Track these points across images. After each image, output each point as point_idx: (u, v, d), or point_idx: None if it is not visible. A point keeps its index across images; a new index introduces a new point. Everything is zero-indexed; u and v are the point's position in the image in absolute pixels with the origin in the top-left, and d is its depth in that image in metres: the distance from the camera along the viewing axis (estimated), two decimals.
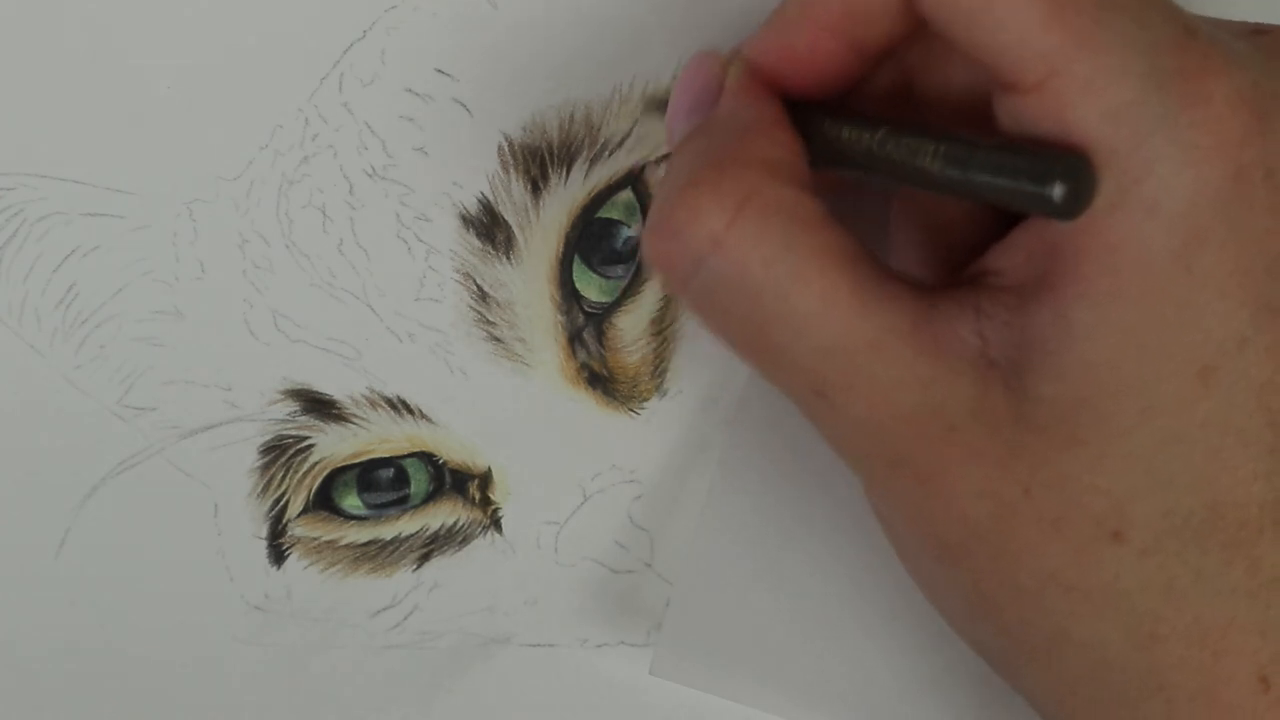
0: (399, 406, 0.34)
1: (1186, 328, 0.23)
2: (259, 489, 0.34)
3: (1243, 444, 0.24)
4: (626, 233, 0.33)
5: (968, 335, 0.24)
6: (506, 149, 0.33)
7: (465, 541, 0.35)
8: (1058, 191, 0.23)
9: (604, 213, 0.33)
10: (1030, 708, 0.28)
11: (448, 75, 0.32)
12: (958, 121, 0.27)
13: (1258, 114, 0.23)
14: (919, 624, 0.32)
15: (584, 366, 0.34)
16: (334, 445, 0.34)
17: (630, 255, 0.34)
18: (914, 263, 0.29)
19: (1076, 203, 0.23)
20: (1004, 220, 0.28)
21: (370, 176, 0.33)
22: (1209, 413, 0.24)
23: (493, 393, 0.34)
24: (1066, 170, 0.23)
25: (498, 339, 0.34)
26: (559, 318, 0.34)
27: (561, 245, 0.33)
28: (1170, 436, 0.24)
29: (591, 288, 0.34)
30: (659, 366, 0.34)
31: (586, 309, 0.34)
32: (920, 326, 0.24)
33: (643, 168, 0.33)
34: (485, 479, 0.34)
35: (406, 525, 0.34)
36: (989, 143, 0.24)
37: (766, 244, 0.24)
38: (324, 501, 0.34)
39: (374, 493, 0.34)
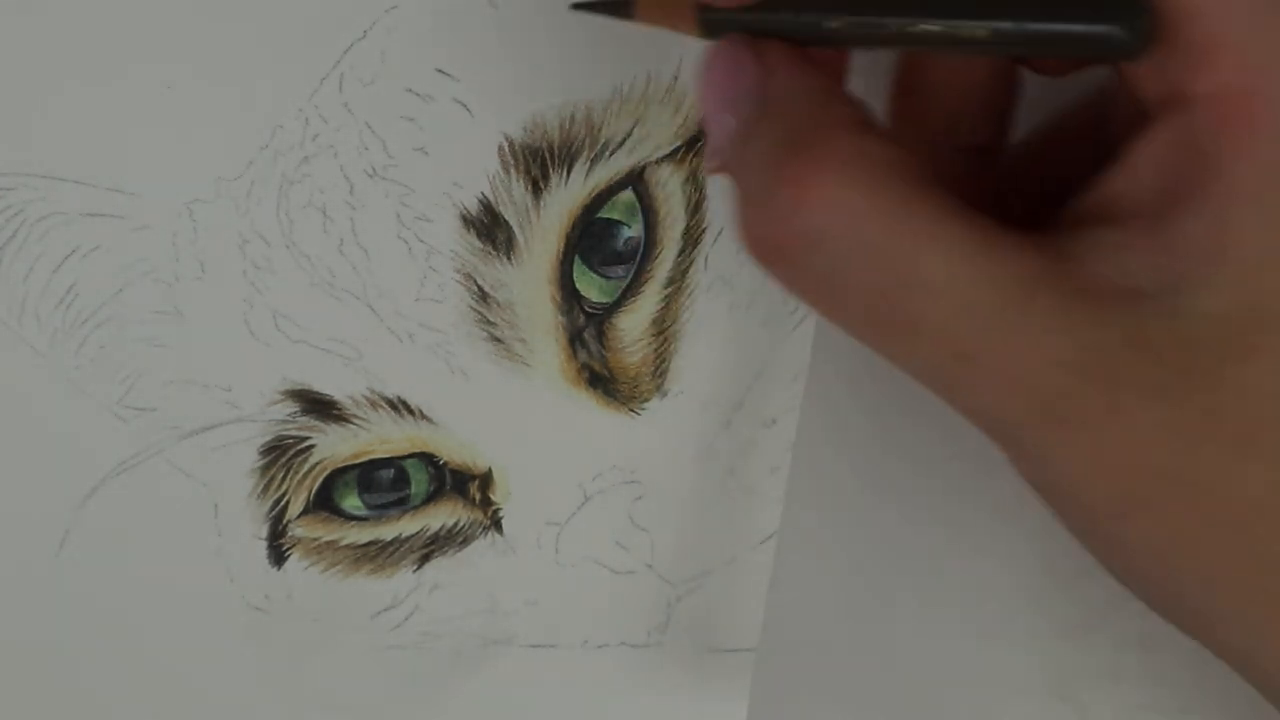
0: (399, 407, 0.34)
1: None
2: (259, 489, 0.34)
3: None
4: (627, 233, 0.33)
5: (1108, 271, 0.23)
6: (507, 149, 0.33)
7: (466, 542, 0.35)
8: (1117, 29, 0.22)
9: (605, 213, 0.33)
10: None
11: (448, 75, 0.32)
12: None
13: None
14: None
15: (584, 367, 0.34)
16: (334, 446, 0.34)
17: (630, 255, 0.34)
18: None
19: (1138, 40, 0.22)
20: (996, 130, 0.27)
21: (371, 176, 0.33)
22: None
23: (493, 393, 0.34)
24: (1123, 6, 0.22)
25: (498, 339, 0.34)
26: (559, 318, 0.34)
27: (562, 245, 0.33)
28: None
29: (592, 288, 0.34)
30: (660, 367, 0.34)
31: (587, 309, 0.34)
32: (1056, 270, 0.23)
33: (644, 168, 0.33)
34: (486, 479, 0.34)
35: (407, 526, 0.34)
36: None
37: (884, 206, 0.23)
38: (324, 502, 0.34)
39: (374, 493, 0.34)
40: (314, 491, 0.34)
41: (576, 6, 0.28)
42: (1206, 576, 0.24)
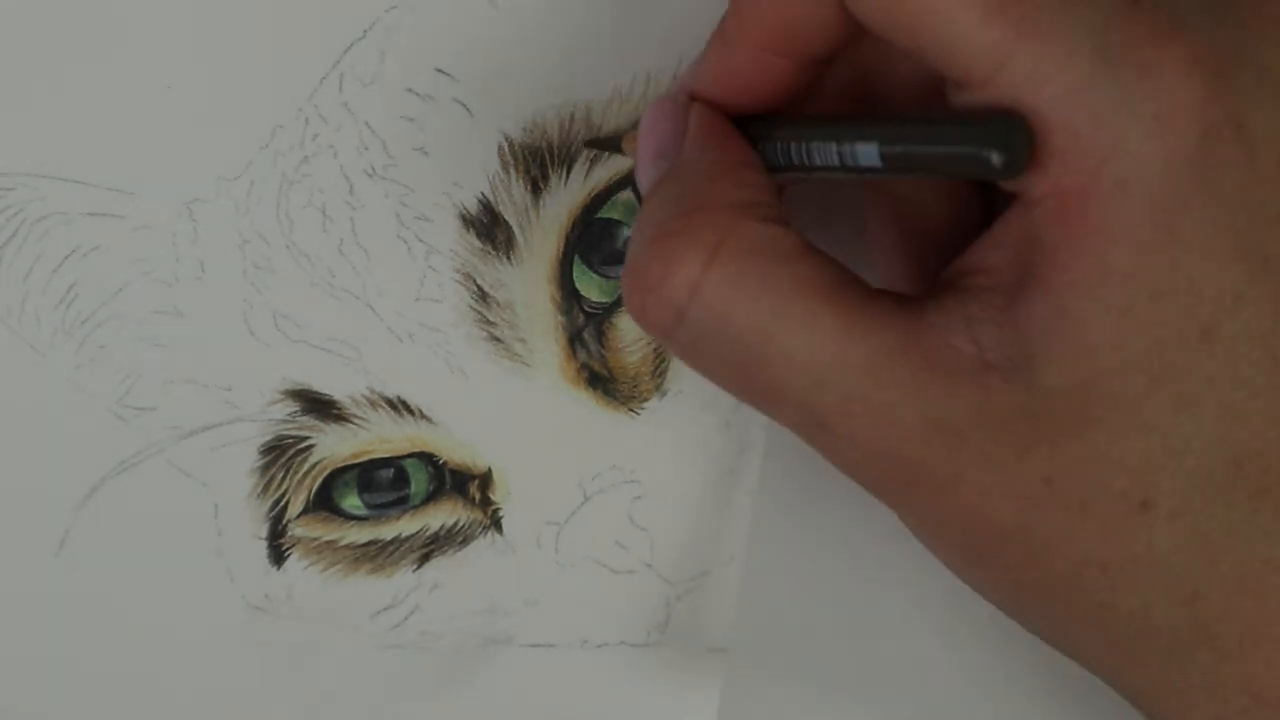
0: (399, 407, 0.34)
1: (1180, 294, 0.23)
2: (259, 489, 0.34)
3: (1252, 395, 0.24)
4: (627, 233, 0.33)
5: (961, 343, 0.24)
6: (507, 149, 0.33)
7: (465, 542, 0.35)
8: (993, 153, 0.23)
9: (604, 213, 0.33)
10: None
11: (448, 75, 0.32)
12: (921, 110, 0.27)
13: (1215, 72, 0.23)
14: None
15: (584, 367, 0.34)
16: (334, 445, 0.34)
17: None
18: (898, 267, 0.29)
19: (1014, 160, 0.23)
20: (981, 211, 0.28)
21: (370, 176, 0.33)
22: (1215, 370, 0.24)
23: (493, 393, 0.34)
24: (999, 131, 0.23)
25: (498, 339, 0.34)
26: (559, 318, 0.34)
27: (562, 245, 0.33)
28: (1182, 400, 0.24)
29: (592, 288, 0.34)
30: (659, 367, 0.34)
31: (587, 309, 0.34)
32: (911, 343, 0.24)
33: None
34: (485, 479, 0.34)
35: (407, 525, 0.34)
36: (923, 118, 0.25)
37: (744, 285, 0.25)
38: (324, 502, 0.34)
39: (374, 493, 0.34)
40: (314, 491, 0.34)
41: (588, 144, 0.33)
42: (1050, 618, 0.27)
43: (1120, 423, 0.24)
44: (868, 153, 0.25)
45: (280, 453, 0.34)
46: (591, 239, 0.33)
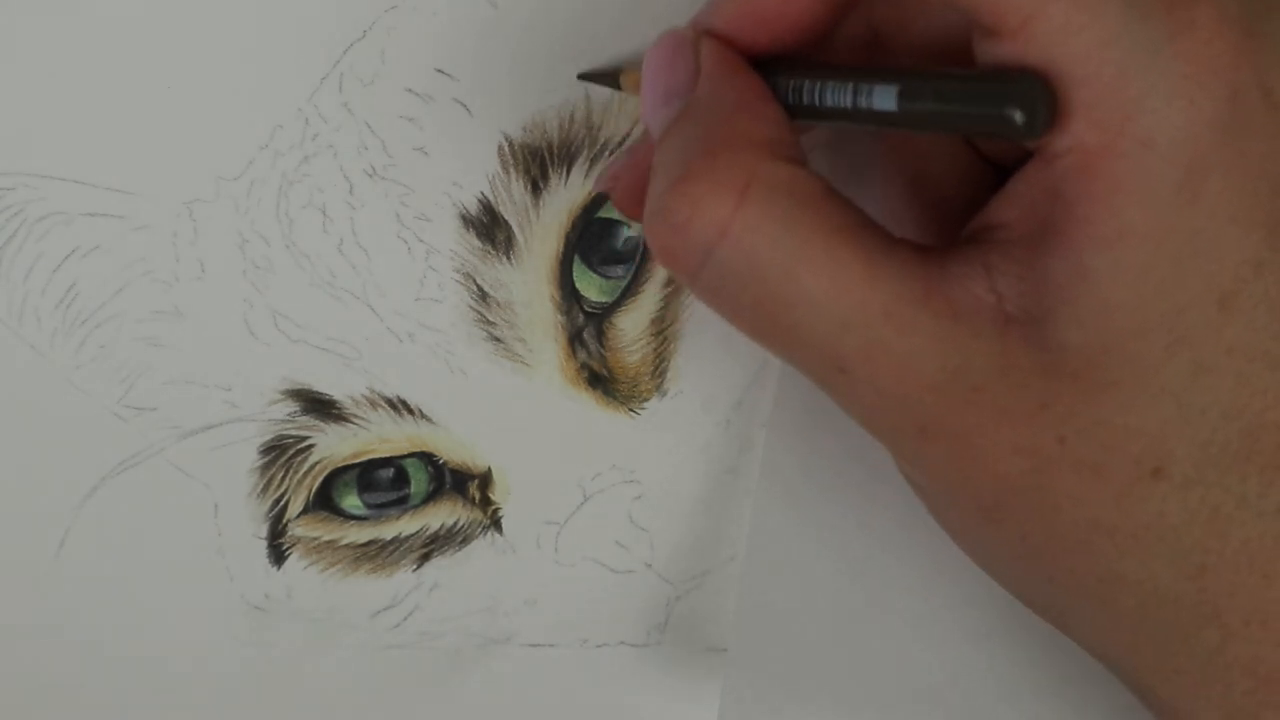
0: (399, 406, 0.34)
1: (1201, 257, 0.23)
2: (259, 489, 0.34)
3: (1270, 366, 0.24)
4: (626, 233, 0.33)
5: (982, 293, 0.24)
6: (506, 149, 0.33)
7: (465, 541, 0.35)
8: (1015, 112, 0.23)
9: (604, 213, 0.33)
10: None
11: (448, 75, 0.32)
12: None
13: (1246, 33, 0.23)
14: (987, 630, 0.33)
15: (584, 366, 0.34)
16: (334, 445, 0.34)
17: (630, 255, 0.34)
18: (909, 223, 0.29)
19: (1035, 121, 0.23)
20: (994, 171, 0.28)
21: (370, 176, 0.33)
22: (1234, 339, 0.24)
23: (493, 393, 0.34)
24: (1022, 90, 0.23)
25: (498, 339, 0.34)
26: (559, 318, 0.34)
27: (561, 245, 0.33)
28: (1199, 367, 0.24)
29: (592, 288, 0.34)
30: (659, 366, 0.34)
31: (587, 309, 0.34)
32: (933, 290, 0.24)
33: None
34: (485, 479, 0.34)
35: (406, 525, 0.34)
36: (945, 72, 0.24)
37: (772, 225, 0.24)
38: (324, 501, 0.34)
39: (374, 493, 0.34)
40: (314, 491, 0.34)
41: (582, 77, 0.32)
42: (1053, 582, 0.26)
43: (1136, 387, 0.24)
44: (885, 98, 0.24)
45: (280, 452, 0.34)
46: (591, 239, 0.33)
